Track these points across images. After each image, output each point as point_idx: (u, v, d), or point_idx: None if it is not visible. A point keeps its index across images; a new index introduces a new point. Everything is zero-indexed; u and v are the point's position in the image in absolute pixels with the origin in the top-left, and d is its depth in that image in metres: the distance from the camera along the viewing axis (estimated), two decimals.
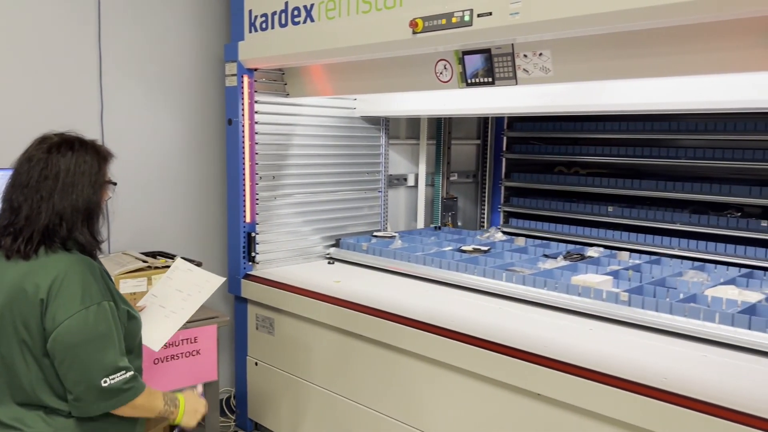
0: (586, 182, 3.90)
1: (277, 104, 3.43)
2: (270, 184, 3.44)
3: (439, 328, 2.46)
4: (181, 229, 3.60)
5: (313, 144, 3.63)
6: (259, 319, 3.36)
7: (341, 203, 3.80)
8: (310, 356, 3.07)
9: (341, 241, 3.67)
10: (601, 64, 2.22)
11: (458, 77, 2.64)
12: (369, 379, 2.79)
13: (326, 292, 2.95)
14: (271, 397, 3.33)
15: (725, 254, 3.22)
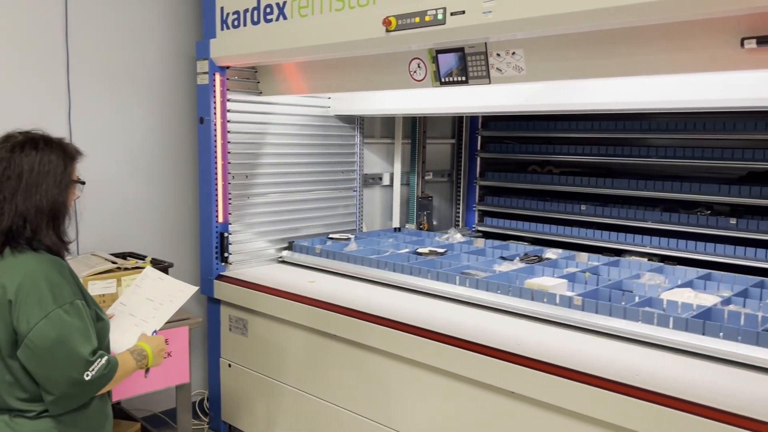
0: (559, 181, 3.93)
1: (250, 102, 3.40)
2: (243, 183, 3.40)
3: (413, 327, 2.46)
4: (152, 230, 3.54)
5: (287, 143, 3.60)
6: (232, 321, 3.31)
7: (316, 203, 3.77)
8: (283, 357, 3.05)
9: (294, 244, 3.53)
10: (573, 64, 2.24)
11: (432, 76, 2.63)
12: (343, 380, 2.77)
13: (299, 293, 2.93)
14: (244, 398, 3.29)
15: (695, 252, 3.27)
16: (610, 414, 1.91)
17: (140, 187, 3.49)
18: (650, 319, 2.18)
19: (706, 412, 1.74)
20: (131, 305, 2.20)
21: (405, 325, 2.48)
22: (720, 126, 3.25)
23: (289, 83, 3.28)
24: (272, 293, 3.02)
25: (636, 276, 2.77)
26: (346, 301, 2.75)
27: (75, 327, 1.74)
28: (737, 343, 1.98)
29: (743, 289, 2.51)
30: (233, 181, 3.34)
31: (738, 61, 1.89)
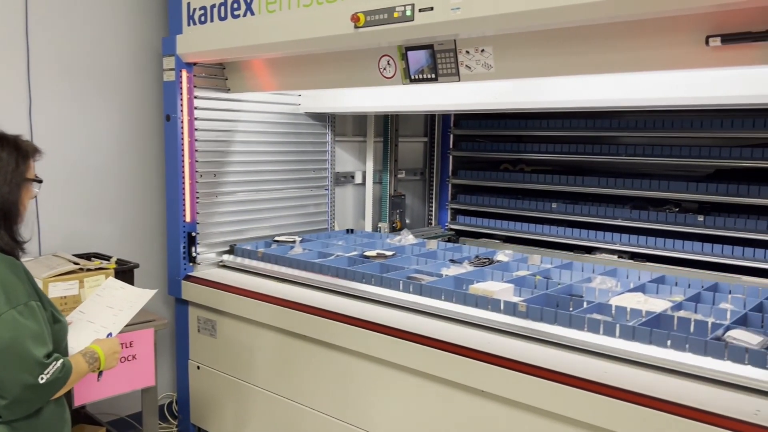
0: (530, 179, 3.94)
1: (218, 100, 3.34)
2: (211, 182, 3.34)
3: (383, 327, 2.43)
4: (118, 230, 3.46)
5: (257, 141, 3.54)
6: (200, 322, 3.25)
7: (287, 201, 3.72)
8: (253, 358, 3.00)
9: (236, 248, 3.36)
10: (541, 61, 2.23)
11: (402, 73, 2.60)
12: (313, 380, 2.73)
13: (269, 293, 2.88)
14: (213, 401, 3.24)
15: (664, 248, 3.31)
16: (580, 412, 1.91)
17: (105, 186, 3.40)
18: (596, 327, 2.07)
19: (672, 408, 1.75)
20: (90, 313, 2.15)
21: (375, 325, 2.46)
22: (688, 124, 3.29)
23: (257, 80, 3.22)
24: (241, 294, 2.97)
25: (588, 280, 2.67)
26: (316, 301, 2.71)
27: (29, 329, 1.69)
28: (684, 353, 1.89)
29: (696, 293, 2.43)
30: (201, 179, 3.28)
31: (703, 59, 1.89)
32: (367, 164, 4.18)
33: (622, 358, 1.98)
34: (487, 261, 3.04)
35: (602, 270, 2.84)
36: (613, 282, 2.62)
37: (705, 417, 1.68)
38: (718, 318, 2.19)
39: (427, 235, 4.20)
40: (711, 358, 1.85)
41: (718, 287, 2.55)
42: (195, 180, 3.24)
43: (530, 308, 2.24)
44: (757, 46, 1.76)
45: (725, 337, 1.93)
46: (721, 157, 3.18)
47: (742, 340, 1.88)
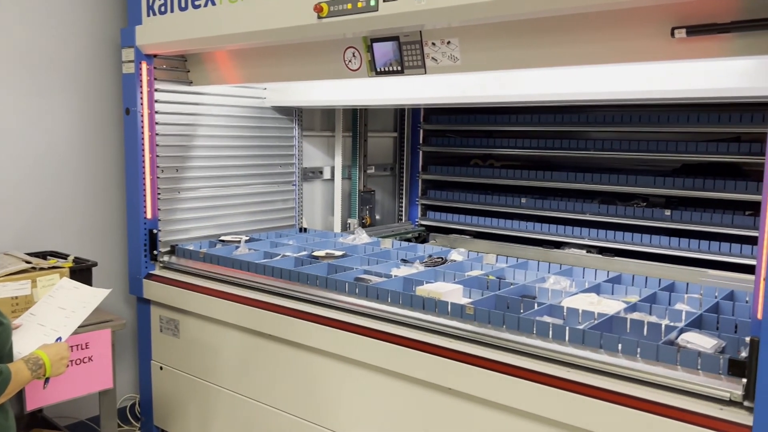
0: (500, 174, 3.93)
1: (180, 93, 3.25)
2: (173, 177, 3.25)
3: (349, 324, 2.38)
4: (76, 227, 3.34)
5: (221, 135, 3.46)
6: (163, 321, 3.16)
7: (253, 197, 3.64)
8: (217, 358, 2.92)
9: (177, 248, 3.20)
10: (507, 54, 2.19)
11: (367, 65, 2.55)
12: (279, 380, 2.67)
13: (232, 291, 2.81)
14: (177, 402, 3.15)
15: (632, 243, 3.31)
16: (549, 409, 1.88)
17: (62, 182, 3.28)
18: (545, 331, 2.00)
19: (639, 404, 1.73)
20: (41, 315, 2.06)
21: (340, 323, 2.40)
22: (655, 119, 3.30)
23: (220, 73, 3.14)
24: (204, 292, 2.89)
25: (542, 280, 2.60)
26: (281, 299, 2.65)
27: None
28: (634, 361, 1.82)
29: (651, 294, 2.38)
30: (162, 175, 3.18)
31: (669, 51, 1.88)
32: (335, 159, 4.11)
33: (572, 364, 1.91)
34: (440, 261, 2.97)
35: (557, 269, 2.78)
36: (567, 282, 2.55)
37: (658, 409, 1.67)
38: (672, 320, 2.15)
39: (397, 231, 4.16)
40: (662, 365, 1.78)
41: (674, 287, 2.52)
42: (156, 175, 3.14)
43: (478, 311, 2.14)
44: (722, 37, 1.75)
45: (679, 340, 1.90)
46: (688, 151, 3.20)
47: (695, 343, 1.86)
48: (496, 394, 1.99)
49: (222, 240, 3.38)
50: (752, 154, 3.00)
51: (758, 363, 1.57)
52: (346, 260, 2.95)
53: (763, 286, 1.55)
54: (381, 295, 2.41)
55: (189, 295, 2.95)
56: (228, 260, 2.96)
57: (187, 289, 2.96)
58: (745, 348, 1.84)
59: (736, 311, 2.24)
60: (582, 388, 1.83)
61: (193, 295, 2.93)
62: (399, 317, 2.32)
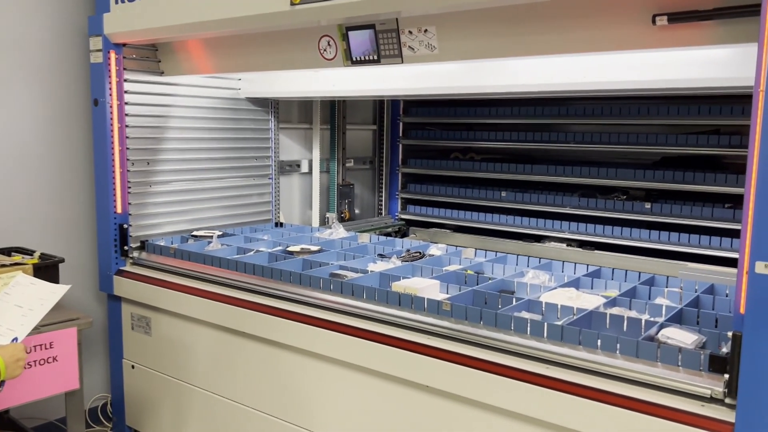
0: (480, 168, 3.88)
1: (151, 83, 3.15)
2: (144, 170, 3.15)
3: (324, 321, 2.31)
4: (42, 222, 3.23)
5: (194, 127, 3.36)
6: (134, 319, 3.07)
7: (228, 191, 3.55)
8: (190, 357, 2.84)
9: (148, 243, 3.12)
10: (486, 42, 2.14)
11: (343, 54, 2.48)
12: (253, 379, 2.60)
13: (204, 288, 2.72)
14: (150, 402, 3.06)
15: (612, 236, 3.29)
16: (528, 406, 1.84)
17: (29, 176, 3.17)
18: (523, 327, 1.95)
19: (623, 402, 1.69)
20: None
21: (316, 320, 2.34)
22: (635, 111, 3.27)
23: (192, 62, 3.05)
24: (175, 289, 2.81)
25: (521, 274, 2.55)
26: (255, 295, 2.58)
27: None
28: (614, 357, 1.77)
29: (631, 288, 2.33)
30: (133, 168, 3.09)
31: (650, 40, 1.83)
32: (313, 152, 4.04)
33: (551, 361, 1.87)
34: (418, 255, 2.90)
35: (537, 263, 2.74)
36: (546, 276, 2.50)
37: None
38: (652, 314, 2.11)
39: (377, 225, 4.10)
40: (643, 362, 1.74)
41: (654, 281, 2.49)
42: (126, 169, 3.04)
43: (455, 307, 2.09)
44: (704, 25, 1.71)
45: (659, 336, 1.86)
46: (668, 144, 3.18)
47: (676, 339, 1.82)
48: (474, 391, 1.94)
49: (194, 235, 3.29)
50: (732, 147, 2.99)
51: (740, 359, 1.53)
52: (322, 255, 2.88)
53: (746, 280, 1.52)
54: (356, 292, 2.34)
55: (160, 291, 2.87)
56: (199, 256, 2.88)
57: (158, 286, 2.88)
58: (725, 343, 1.81)
59: (717, 305, 2.21)
60: (561, 385, 1.79)
61: (164, 291, 2.85)
62: (375, 314, 2.26)
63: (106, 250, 3.07)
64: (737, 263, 1.54)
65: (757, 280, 1.49)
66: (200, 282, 2.80)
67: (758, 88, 1.47)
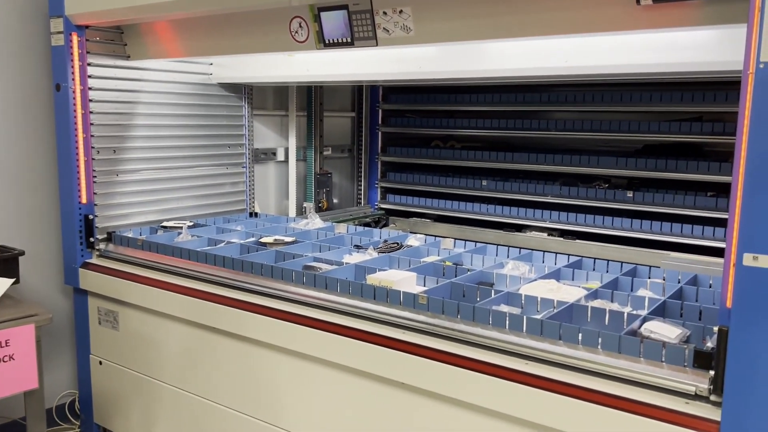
0: (461, 156, 3.80)
1: (116, 68, 3.01)
2: (110, 158, 3.03)
3: (296, 316, 2.22)
4: (3, 213, 3.08)
5: (163, 114, 3.23)
6: (101, 313, 2.96)
7: (200, 180, 3.43)
8: (159, 353, 2.74)
9: (115, 235, 2.99)
10: (463, 24, 2.05)
11: (315, 37, 2.37)
12: (225, 376, 2.51)
13: (172, 281, 2.62)
14: (119, 399, 2.96)
15: (594, 225, 3.23)
16: (505, 404, 1.76)
17: None
18: (501, 321, 1.88)
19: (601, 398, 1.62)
20: None
21: (288, 314, 2.25)
22: (617, 98, 3.21)
23: (160, 46, 2.91)
24: (143, 282, 2.70)
25: (500, 265, 2.46)
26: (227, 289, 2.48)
27: None
28: (595, 353, 1.71)
29: (613, 279, 2.27)
30: (98, 156, 2.96)
31: (634, 21, 1.75)
32: (289, 140, 3.92)
33: (530, 356, 1.79)
34: (395, 246, 2.80)
35: (517, 254, 2.66)
36: (526, 267, 2.43)
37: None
38: (635, 307, 2.04)
39: (356, 215, 4.00)
40: (625, 357, 1.67)
41: (636, 271, 2.42)
42: (91, 157, 2.91)
43: (431, 300, 2.01)
44: (690, 4, 1.63)
45: (642, 330, 1.79)
46: (650, 131, 3.12)
47: (659, 333, 1.76)
48: (451, 388, 1.87)
49: (164, 226, 3.17)
50: (714, 134, 2.94)
51: (727, 354, 1.47)
52: (296, 247, 2.78)
53: (733, 272, 1.45)
54: (330, 285, 2.25)
55: (127, 285, 2.75)
56: (168, 248, 2.76)
57: (125, 279, 2.76)
58: (710, 337, 1.75)
59: (700, 297, 2.15)
60: (540, 382, 1.71)
61: (131, 285, 2.73)
62: (348, 308, 2.17)
63: (71, 242, 2.95)
64: (721, 253, 1.48)
65: (744, 273, 1.42)
66: (168, 275, 2.69)
67: (747, 71, 1.40)
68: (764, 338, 1.42)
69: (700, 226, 2.93)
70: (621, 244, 3.15)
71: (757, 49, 1.37)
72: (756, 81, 1.38)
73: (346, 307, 2.18)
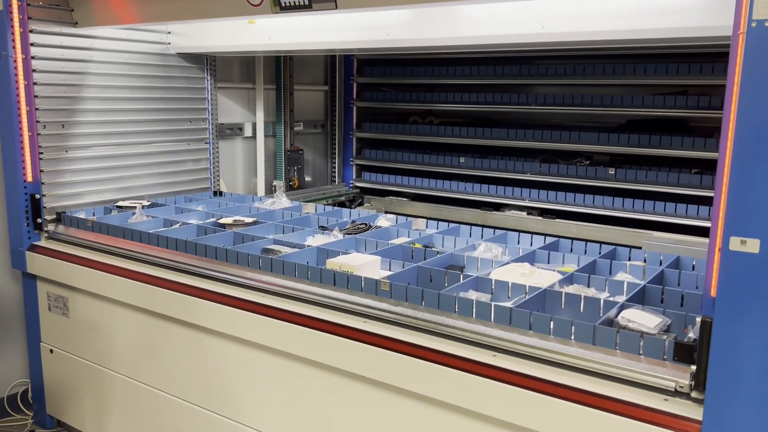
0: (438, 132, 3.63)
1: (63, 35, 2.79)
2: (59, 134, 2.82)
3: (251, 303, 2.06)
4: None
5: (117, 85, 3.02)
6: (51, 299, 2.78)
7: (159, 157, 3.23)
8: (111, 341, 2.57)
9: (64, 216, 2.80)
10: None
11: (270, 0, 2.17)
12: (178, 366, 2.35)
13: (124, 266, 2.44)
14: (72, 389, 2.80)
15: (574, 204, 3.09)
16: (471, 400, 1.62)
17: None
18: (468, 309, 1.72)
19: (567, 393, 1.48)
20: None
21: (243, 302, 2.08)
22: (600, 71, 3.05)
23: (109, 12, 2.70)
24: (93, 267, 2.52)
25: (472, 247, 2.31)
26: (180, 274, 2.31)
27: None
28: (568, 345, 1.56)
29: (591, 262, 2.12)
30: (45, 131, 2.75)
31: None
32: (257, 115, 3.73)
33: (498, 348, 1.65)
34: (363, 227, 2.63)
35: (491, 235, 2.51)
36: (499, 250, 2.28)
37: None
38: (613, 293, 1.91)
39: (329, 193, 3.83)
40: (600, 350, 1.53)
41: (616, 253, 2.28)
42: (36, 132, 2.71)
43: (394, 286, 1.85)
44: None
45: (619, 319, 1.65)
46: (633, 105, 2.97)
47: (637, 322, 1.61)
48: (412, 382, 1.72)
49: (119, 206, 2.98)
50: (700, 108, 2.78)
51: (710, 347, 1.33)
52: (257, 228, 2.60)
53: (718, 258, 1.30)
54: (287, 269, 2.08)
55: (77, 269, 2.57)
56: (118, 230, 2.58)
57: (74, 263, 2.58)
58: (692, 327, 1.61)
59: (683, 281, 2.01)
60: (508, 376, 1.57)
61: (81, 269, 2.56)
62: (307, 295, 2.01)
63: (17, 224, 2.76)
64: (704, 232, 1.33)
65: (731, 258, 1.28)
66: (119, 259, 2.51)
67: (738, 30, 1.24)
68: (751, 330, 1.28)
69: (683, 205, 2.80)
70: (602, 223, 3.01)
71: (749, 5, 1.21)
72: (747, 42, 1.22)
73: (305, 294, 2.02)
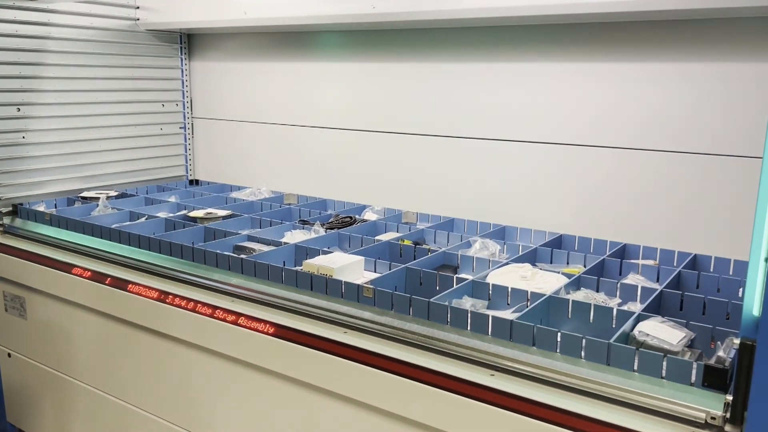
0: None
1: (16, 8, 2.53)
2: (14, 117, 2.58)
3: (218, 309, 1.83)
4: None
5: (80, 65, 2.77)
6: (7, 299, 2.55)
7: (127, 142, 2.99)
8: (71, 346, 2.34)
9: (21, 208, 2.59)
10: None
11: None
12: (141, 376, 2.13)
13: (83, 264, 2.21)
14: (31, 396, 2.57)
15: None
16: (465, 427, 1.41)
17: None
18: (462, 321, 1.51)
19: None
20: None
21: (209, 307, 1.85)
22: None
23: None
24: (49, 265, 2.28)
25: (467, 244, 2.09)
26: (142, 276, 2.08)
27: None
28: (577, 365, 1.34)
29: (599, 262, 1.90)
30: None
31: None
32: None
33: (496, 367, 1.42)
34: (348, 221, 2.40)
35: (488, 229, 2.28)
36: (497, 247, 2.07)
37: None
38: (625, 299, 1.69)
39: None
40: (615, 372, 1.31)
41: (626, 251, 2.06)
42: None
43: (378, 293, 1.64)
44: None
45: (636, 332, 1.43)
46: None
47: (658, 337, 1.39)
48: (399, 403, 1.50)
49: (83, 197, 2.74)
50: None
51: (752, 375, 1.11)
52: (230, 223, 2.37)
53: (763, 268, 1.08)
54: (259, 271, 1.86)
55: (33, 268, 2.34)
56: (78, 224, 2.34)
57: (30, 261, 2.35)
58: (720, 343, 1.40)
59: (702, 284, 1.80)
60: (508, 400, 1.35)
61: (37, 268, 2.32)
62: (281, 301, 1.79)
63: None
64: None
65: None
66: (78, 257, 2.27)
67: None
68: None
69: None
70: None
71: None
72: None
73: (278, 300, 1.79)
